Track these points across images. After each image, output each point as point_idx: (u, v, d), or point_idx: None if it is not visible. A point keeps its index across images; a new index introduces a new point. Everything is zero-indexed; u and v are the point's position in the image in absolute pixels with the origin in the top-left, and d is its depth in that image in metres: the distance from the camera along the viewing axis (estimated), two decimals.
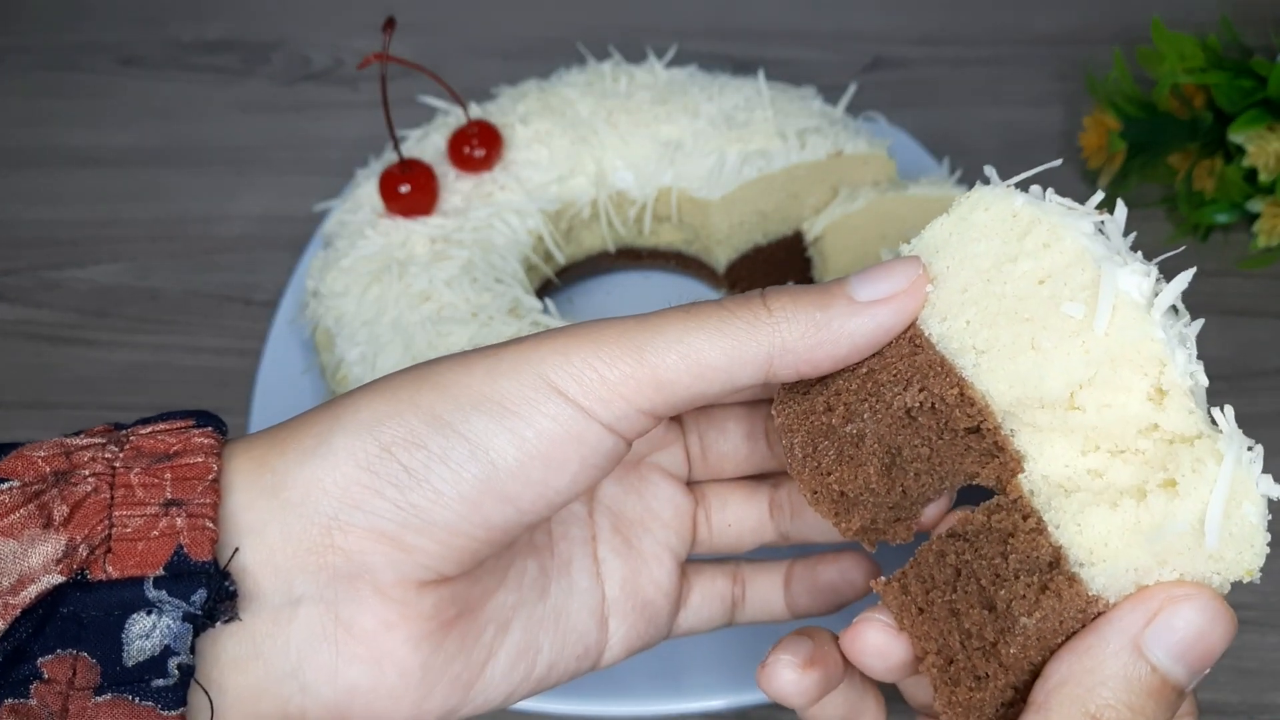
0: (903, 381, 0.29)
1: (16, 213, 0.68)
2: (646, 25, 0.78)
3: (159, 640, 0.25)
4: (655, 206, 0.56)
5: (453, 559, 0.27)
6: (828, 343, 0.28)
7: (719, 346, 0.27)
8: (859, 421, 0.29)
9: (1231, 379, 0.55)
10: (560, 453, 0.27)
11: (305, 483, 0.27)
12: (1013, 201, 0.28)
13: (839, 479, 0.29)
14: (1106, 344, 0.26)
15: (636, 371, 0.27)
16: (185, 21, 0.81)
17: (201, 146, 0.72)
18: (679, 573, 0.34)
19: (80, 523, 0.25)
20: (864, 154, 0.55)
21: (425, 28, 0.78)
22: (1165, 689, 0.25)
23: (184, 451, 0.27)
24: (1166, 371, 0.26)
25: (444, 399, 0.27)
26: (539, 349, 0.27)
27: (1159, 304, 0.26)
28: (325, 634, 0.27)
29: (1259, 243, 0.60)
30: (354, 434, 0.27)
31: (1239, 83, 0.58)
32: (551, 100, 0.56)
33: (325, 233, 0.55)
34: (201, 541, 0.26)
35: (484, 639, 0.30)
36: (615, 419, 0.27)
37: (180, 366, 0.59)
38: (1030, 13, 0.78)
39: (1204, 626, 0.25)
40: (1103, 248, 0.27)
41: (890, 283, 0.28)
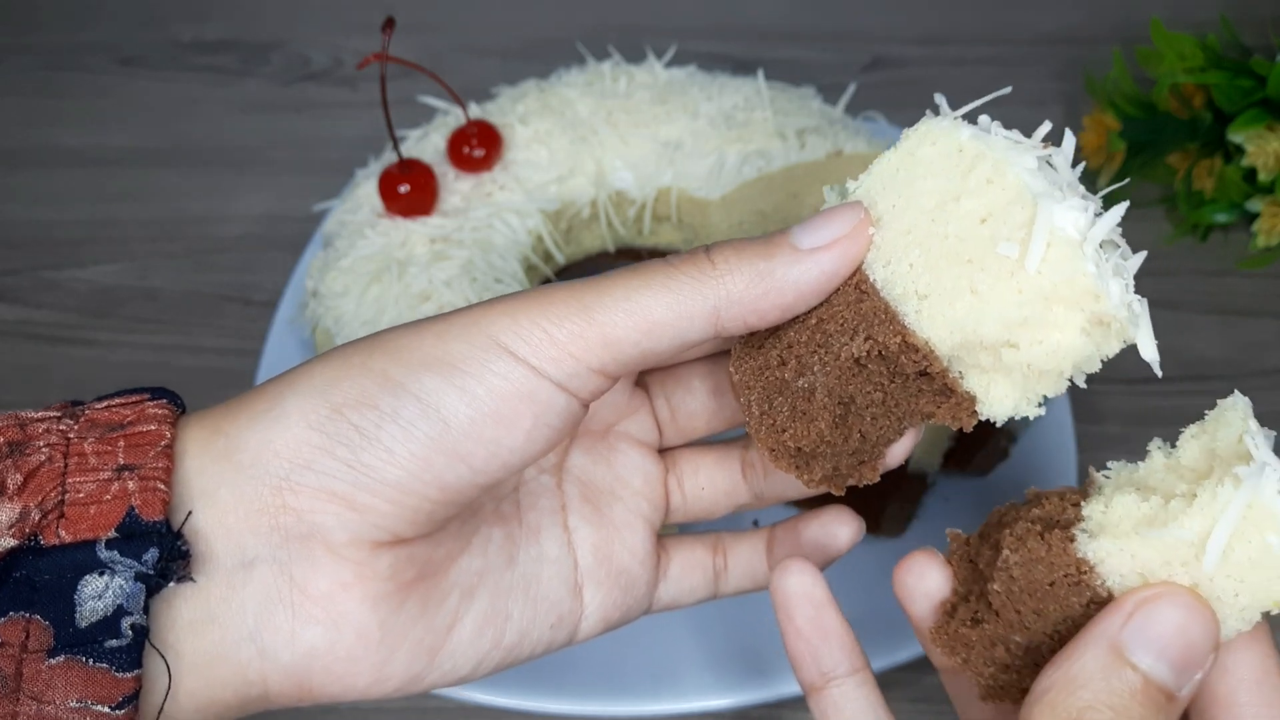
0: (849, 331, 0.28)
1: (16, 213, 0.68)
2: (646, 25, 0.78)
3: (111, 600, 0.25)
4: (655, 206, 0.56)
5: (406, 519, 0.27)
6: (773, 292, 0.28)
7: (665, 302, 0.27)
8: (810, 375, 0.29)
9: (1231, 379, 0.55)
10: (511, 410, 0.27)
11: (256, 445, 0.27)
12: (959, 135, 0.28)
13: (793, 435, 0.29)
14: (1039, 282, 0.26)
15: (584, 330, 0.27)
16: (185, 22, 0.81)
17: (201, 147, 0.72)
18: (654, 540, 0.34)
19: (34, 490, 0.25)
20: (864, 154, 0.55)
21: (425, 28, 0.78)
22: (1151, 691, 0.25)
23: (137, 420, 0.27)
24: (1101, 303, 0.26)
25: (394, 361, 0.27)
26: (488, 312, 0.28)
27: (1092, 237, 0.26)
28: (280, 596, 0.27)
29: (1258, 242, 0.60)
30: (305, 396, 0.27)
31: (1238, 82, 0.58)
32: (551, 100, 0.56)
33: (325, 233, 0.55)
34: (153, 502, 0.26)
35: (448, 604, 0.30)
36: (566, 377, 0.28)
37: (180, 366, 0.59)
38: (1030, 13, 0.78)
39: (1180, 622, 0.25)
40: (1044, 183, 0.26)
41: (832, 229, 0.28)
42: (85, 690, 0.24)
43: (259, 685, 0.27)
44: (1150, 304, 0.27)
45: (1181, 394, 0.54)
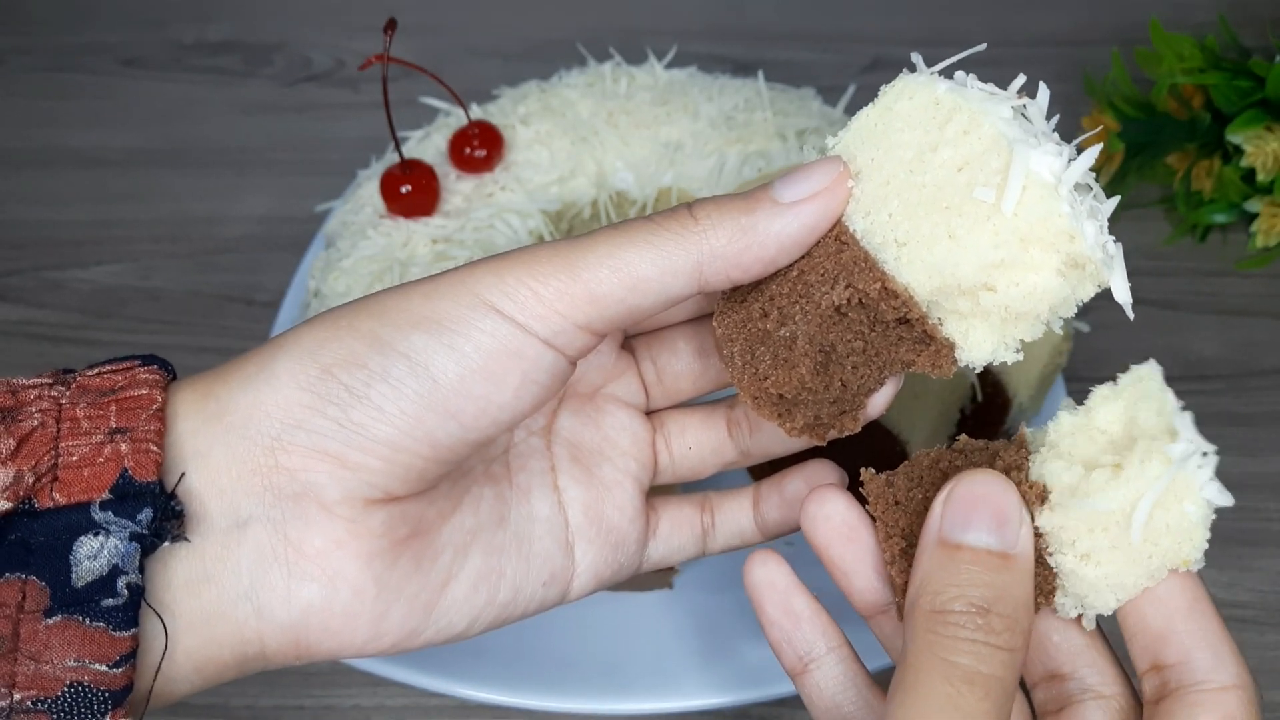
0: (830, 280, 0.29)
1: (19, 213, 0.68)
2: (647, 27, 0.78)
3: (107, 560, 0.25)
4: (655, 207, 0.56)
5: (398, 476, 0.28)
6: (755, 245, 0.28)
7: (648, 258, 0.28)
8: (791, 324, 0.29)
9: (1230, 378, 0.55)
10: (500, 367, 0.28)
11: (248, 406, 0.27)
12: (935, 88, 0.28)
13: (775, 382, 0.30)
14: (1015, 224, 0.27)
15: (570, 287, 0.28)
16: (187, 23, 0.82)
17: (203, 147, 0.72)
18: (643, 499, 0.35)
19: (27, 455, 0.26)
20: None
21: (426, 29, 0.78)
22: (985, 558, 0.27)
23: (129, 385, 0.27)
24: (1076, 244, 0.26)
25: (382, 321, 0.28)
26: (474, 271, 0.28)
27: (1066, 179, 0.26)
28: (275, 554, 0.27)
29: (1257, 242, 0.60)
30: (295, 358, 0.27)
31: (1237, 83, 0.59)
32: (552, 101, 0.56)
33: (327, 233, 0.55)
34: (146, 464, 0.26)
35: (442, 560, 0.30)
36: (552, 334, 0.28)
37: (182, 367, 0.58)
38: (1029, 14, 0.79)
39: (975, 493, 0.28)
40: (1019, 131, 0.27)
41: (812, 182, 0.28)
42: (82, 649, 0.25)
43: (256, 644, 0.27)
44: (1149, 304, 0.27)
45: (1180, 394, 0.54)
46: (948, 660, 0.26)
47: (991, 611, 0.26)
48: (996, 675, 0.26)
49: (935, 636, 0.26)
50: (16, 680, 0.24)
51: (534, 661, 0.44)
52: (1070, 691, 0.30)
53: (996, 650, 0.26)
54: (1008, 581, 0.27)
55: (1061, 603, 0.29)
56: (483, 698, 0.44)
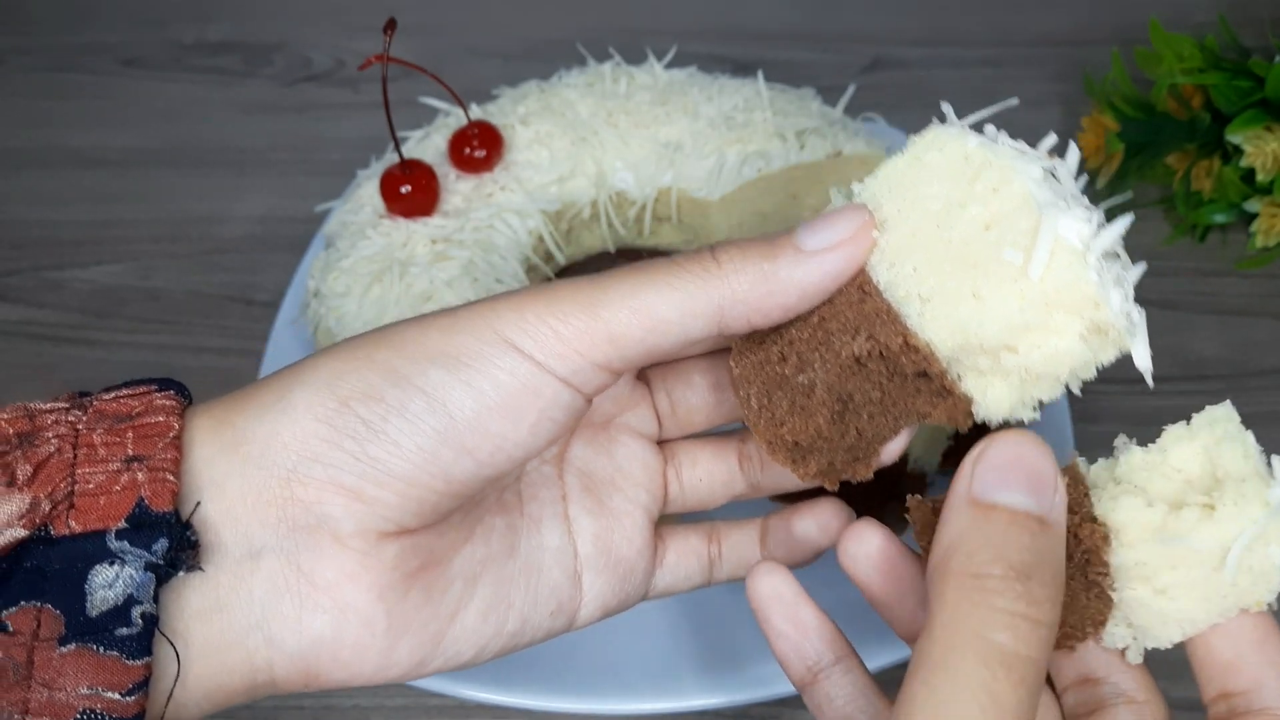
0: (851, 330, 0.29)
1: (19, 213, 0.68)
2: (646, 27, 0.78)
3: (122, 590, 0.25)
4: (655, 207, 0.56)
5: (412, 510, 0.28)
6: (777, 292, 0.28)
7: (670, 300, 0.28)
8: (810, 371, 0.29)
9: (1229, 379, 0.55)
10: (517, 405, 0.28)
11: (264, 437, 0.27)
12: (966, 143, 0.28)
13: (791, 429, 0.30)
14: (1041, 288, 0.26)
15: (590, 326, 0.28)
16: (187, 23, 0.82)
17: (203, 147, 0.72)
18: (652, 530, 0.35)
19: (43, 481, 0.26)
20: (863, 154, 0.55)
21: (426, 29, 0.78)
22: (1022, 520, 0.26)
23: (146, 412, 0.27)
24: (1101, 311, 0.26)
25: (400, 354, 0.28)
26: (495, 307, 0.28)
27: (1095, 247, 0.26)
28: (288, 585, 0.27)
29: (1256, 243, 0.60)
30: (312, 389, 0.27)
31: (1237, 83, 0.59)
32: (552, 101, 0.56)
33: (326, 233, 0.55)
34: (162, 493, 0.26)
35: (452, 591, 0.30)
36: (571, 373, 0.28)
37: (182, 367, 0.59)
38: (1029, 14, 0.79)
39: (1013, 452, 0.26)
40: (1049, 193, 0.27)
41: (836, 230, 0.28)
42: (96, 677, 0.25)
43: (266, 672, 0.27)
44: (1149, 304, 0.27)
45: (1179, 394, 0.54)
46: (984, 637, 0.24)
47: (1032, 578, 0.25)
48: (1033, 658, 0.24)
49: (971, 606, 0.25)
50: (30, 707, 0.24)
51: (534, 661, 0.44)
52: (1103, 695, 0.29)
53: (1037, 626, 0.24)
54: (1046, 547, 0.26)
55: (1113, 633, 0.29)
56: (482, 698, 0.44)
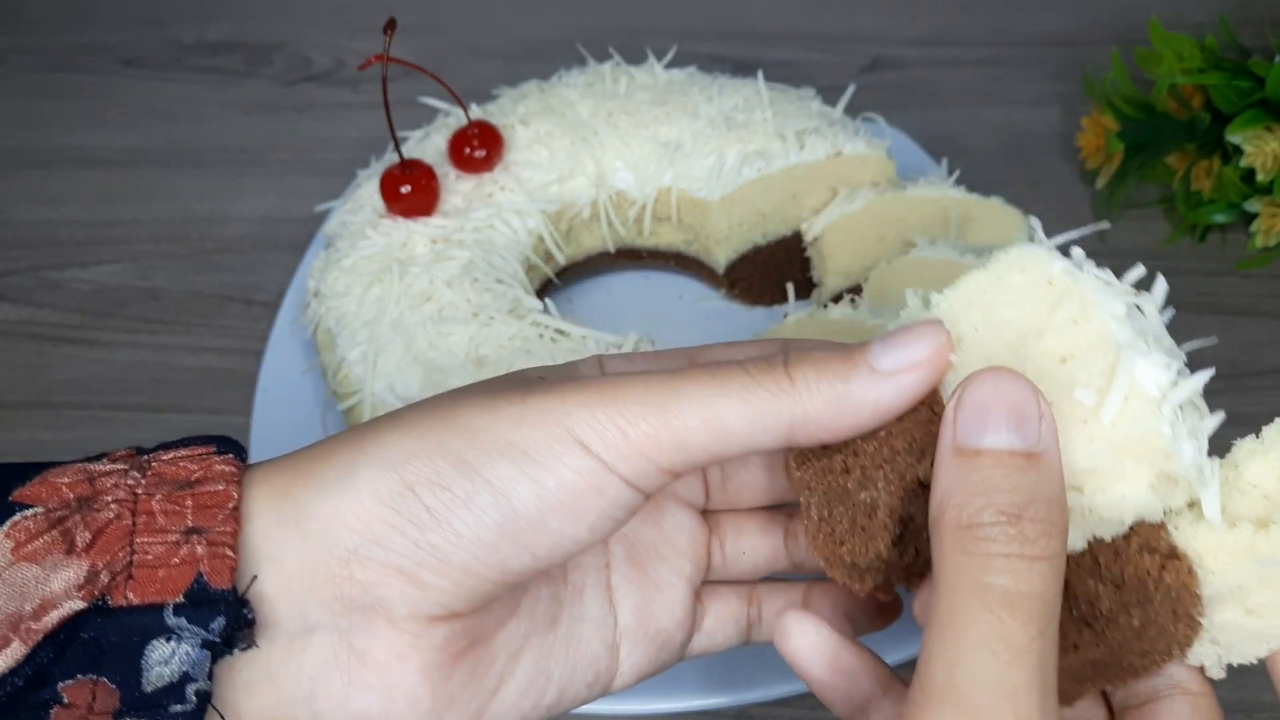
0: (918, 451, 0.28)
1: (19, 213, 0.68)
2: (646, 26, 0.78)
3: (178, 667, 0.25)
4: (655, 207, 0.56)
5: (466, 598, 0.28)
6: (849, 413, 0.28)
7: (741, 414, 0.27)
8: (873, 489, 0.29)
9: (1229, 379, 0.55)
10: (580, 504, 0.27)
11: (327, 514, 0.27)
12: (1050, 267, 0.27)
13: (851, 550, 0.29)
14: (1112, 434, 0.26)
15: (659, 431, 0.27)
16: (187, 23, 0.82)
17: (203, 147, 0.72)
18: (693, 600, 0.34)
19: (102, 549, 0.26)
20: (863, 154, 0.55)
21: (426, 29, 0.78)
22: (1010, 460, 0.25)
23: (205, 479, 0.27)
24: (1172, 462, 0.26)
25: (470, 443, 0.27)
26: (565, 402, 0.27)
27: (1172, 399, 0.26)
28: (338, 662, 0.27)
29: (1256, 243, 0.60)
30: (379, 469, 0.27)
31: (1237, 83, 0.59)
32: (552, 101, 0.56)
33: (326, 233, 0.55)
34: (221, 569, 0.26)
35: (494, 668, 0.30)
36: (636, 475, 0.28)
37: (182, 367, 0.59)
38: (1028, 14, 0.79)
39: (989, 390, 0.26)
40: (1130, 332, 0.26)
41: (912, 351, 0.28)
42: None
43: None
44: None
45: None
46: (983, 582, 0.24)
47: (1023, 517, 0.25)
48: (1037, 592, 0.24)
49: (966, 556, 0.25)
50: None
51: None
52: (1157, 686, 0.29)
53: (1034, 562, 0.24)
54: (1036, 481, 0.25)
55: (1198, 652, 0.28)
56: None
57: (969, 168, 0.59)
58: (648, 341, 0.46)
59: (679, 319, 0.58)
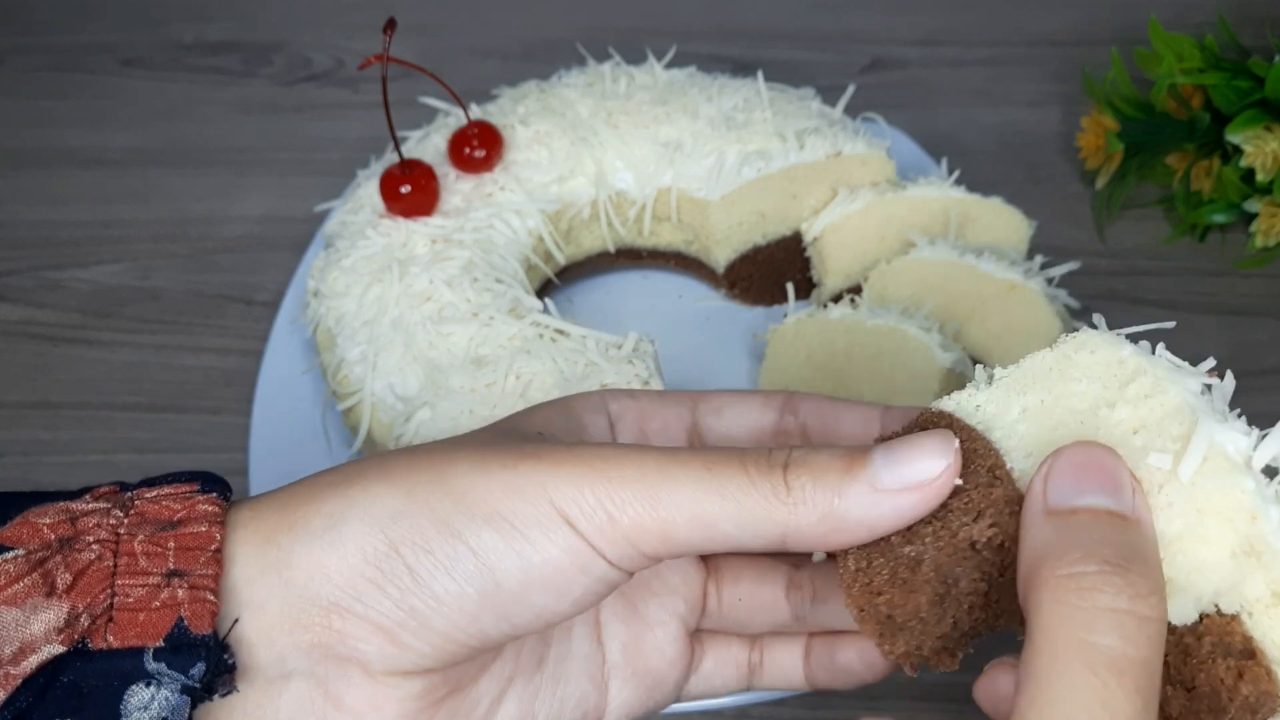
0: (974, 512, 0.27)
1: (18, 213, 0.68)
2: (646, 26, 0.78)
3: (157, 712, 0.25)
4: (655, 207, 0.56)
5: (443, 660, 0.28)
6: (843, 531, 0.27)
7: (732, 517, 0.27)
8: (919, 544, 0.27)
9: None
10: (563, 581, 0.27)
11: (310, 566, 0.27)
12: (1120, 349, 0.27)
13: (889, 602, 0.28)
14: (1192, 493, 0.25)
15: (646, 521, 0.27)
16: (187, 23, 0.82)
17: (203, 147, 0.72)
18: (686, 640, 0.34)
19: (83, 590, 0.25)
20: (863, 154, 0.55)
21: (426, 29, 0.78)
22: (1105, 518, 0.25)
23: (188, 519, 0.27)
24: (1257, 525, 0.25)
25: (457, 507, 0.27)
26: (555, 476, 0.27)
27: (1257, 460, 0.25)
28: (314, 709, 0.27)
29: (1256, 242, 0.60)
30: (365, 525, 0.27)
31: (1236, 83, 0.59)
32: (552, 101, 0.56)
33: (326, 233, 0.55)
34: (202, 614, 0.26)
35: (476, 713, 0.30)
36: (619, 558, 0.27)
37: (182, 366, 0.59)
38: (1028, 14, 0.79)
39: (1080, 456, 0.26)
40: (1206, 405, 0.26)
41: (917, 470, 0.27)
42: None
43: None
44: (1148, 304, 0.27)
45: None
46: (1089, 642, 0.22)
47: (1132, 570, 0.23)
48: (1144, 659, 0.22)
49: (1069, 608, 0.23)
50: None
51: None
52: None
53: (1144, 622, 0.23)
54: (1139, 540, 0.24)
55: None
56: None
57: (969, 168, 0.59)
58: (648, 342, 0.46)
59: (679, 319, 0.58)
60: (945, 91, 0.73)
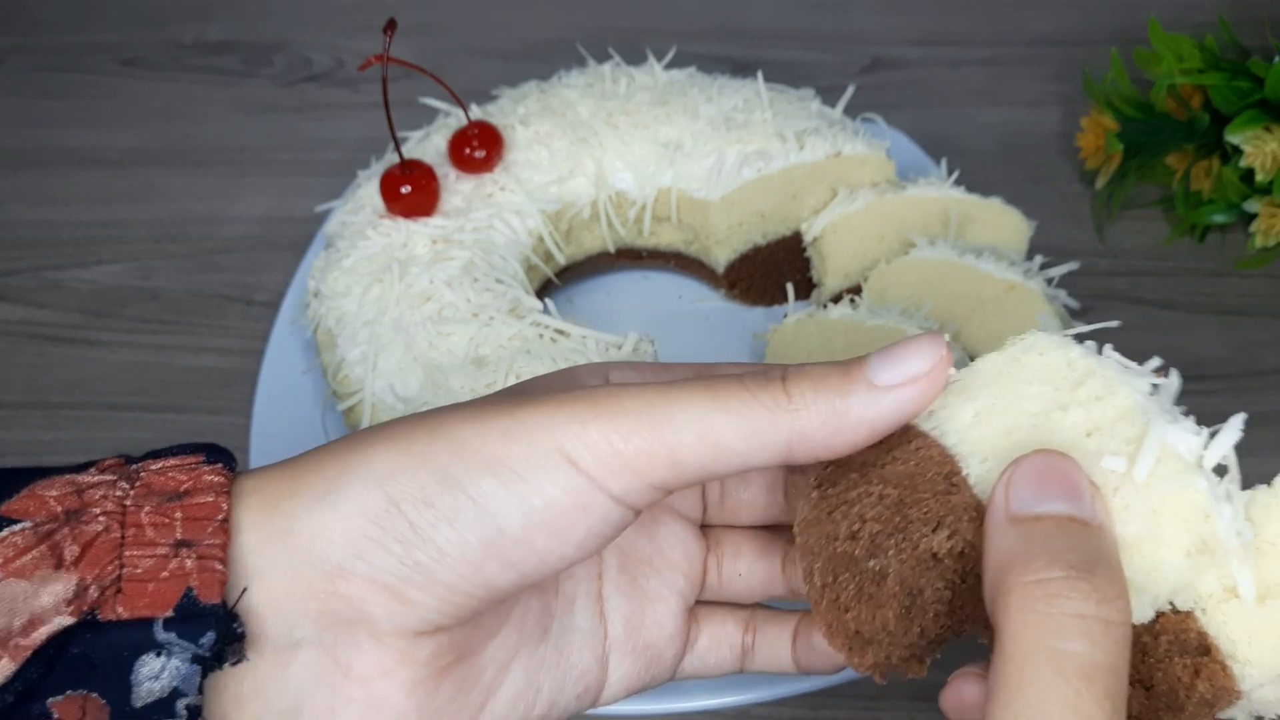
0: (933, 521, 0.28)
1: (19, 213, 0.68)
2: (646, 27, 0.78)
3: (168, 682, 0.25)
4: (655, 207, 0.56)
5: (450, 614, 0.28)
6: (847, 430, 0.27)
7: (738, 430, 0.27)
8: (883, 557, 0.28)
9: (1229, 379, 0.55)
10: (566, 523, 0.27)
11: (313, 530, 0.27)
12: (1068, 351, 0.27)
13: (856, 618, 0.28)
14: (1147, 495, 0.26)
15: (652, 447, 0.27)
16: (187, 23, 0.82)
17: (203, 147, 0.72)
18: (685, 616, 0.34)
19: (91, 562, 0.25)
20: (862, 155, 0.55)
21: (426, 29, 0.78)
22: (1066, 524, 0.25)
23: (194, 490, 0.27)
24: (1211, 523, 0.25)
25: (457, 458, 0.27)
26: (557, 415, 0.27)
27: (1207, 459, 0.25)
28: (323, 676, 0.27)
29: (1256, 243, 0.60)
30: (364, 485, 0.27)
31: (1236, 83, 0.59)
32: (552, 101, 0.57)
33: (327, 233, 0.55)
34: (211, 584, 0.26)
35: (483, 681, 0.30)
36: (625, 492, 0.27)
37: (182, 367, 0.59)
38: (1028, 14, 0.79)
39: (1039, 464, 0.26)
40: (1156, 406, 0.26)
41: (910, 365, 0.27)
42: None
43: None
44: (1148, 304, 0.27)
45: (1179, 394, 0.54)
46: (1058, 648, 0.23)
47: (1098, 574, 0.24)
48: (1112, 664, 0.23)
49: (1037, 615, 0.23)
50: None
51: None
52: None
53: (1110, 627, 0.23)
54: (1101, 544, 0.25)
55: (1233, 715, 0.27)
56: None
57: (968, 168, 0.60)
58: (648, 342, 0.46)
59: (679, 319, 0.58)
60: (945, 92, 0.73)
